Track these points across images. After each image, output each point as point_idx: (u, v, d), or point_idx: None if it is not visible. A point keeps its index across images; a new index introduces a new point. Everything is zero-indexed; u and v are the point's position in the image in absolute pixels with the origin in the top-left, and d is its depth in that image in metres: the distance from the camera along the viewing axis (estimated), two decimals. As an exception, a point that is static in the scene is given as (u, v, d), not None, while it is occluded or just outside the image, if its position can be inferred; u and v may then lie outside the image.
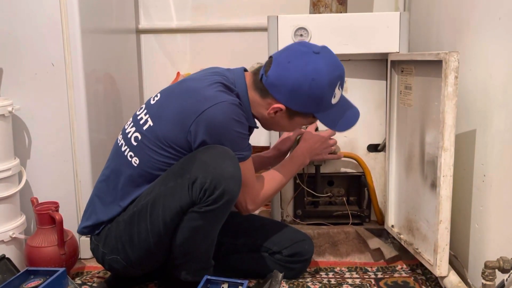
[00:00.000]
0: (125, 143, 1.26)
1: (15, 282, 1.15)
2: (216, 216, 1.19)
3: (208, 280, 1.14)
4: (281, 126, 1.31)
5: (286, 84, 1.19)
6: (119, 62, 1.87)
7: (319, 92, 1.19)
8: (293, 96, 1.20)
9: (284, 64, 1.19)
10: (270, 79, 1.20)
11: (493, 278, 1.09)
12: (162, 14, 2.18)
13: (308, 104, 1.21)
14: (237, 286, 1.13)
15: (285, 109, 1.22)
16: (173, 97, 1.24)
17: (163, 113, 1.22)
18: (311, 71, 1.17)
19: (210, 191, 1.13)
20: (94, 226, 1.28)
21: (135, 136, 1.24)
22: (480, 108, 1.28)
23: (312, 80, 1.17)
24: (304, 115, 1.25)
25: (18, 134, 1.53)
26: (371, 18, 1.53)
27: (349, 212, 1.66)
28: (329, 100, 1.22)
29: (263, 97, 1.24)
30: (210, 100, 1.16)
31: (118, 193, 1.25)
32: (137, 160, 1.23)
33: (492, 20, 1.22)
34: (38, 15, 1.47)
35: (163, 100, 1.25)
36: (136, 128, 1.25)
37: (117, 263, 1.26)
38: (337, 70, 1.21)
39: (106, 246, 1.27)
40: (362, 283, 1.43)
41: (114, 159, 1.30)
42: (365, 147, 1.67)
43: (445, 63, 1.18)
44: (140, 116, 1.26)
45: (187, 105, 1.18)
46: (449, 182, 1.22)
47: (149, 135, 1.21)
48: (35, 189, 1.57)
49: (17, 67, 1.50)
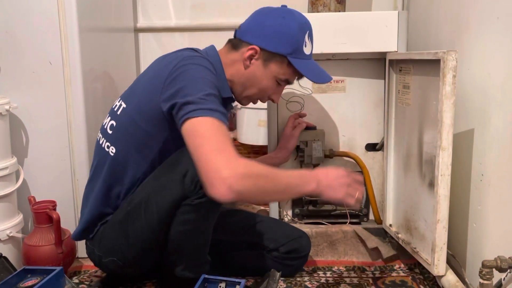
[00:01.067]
0: (102, 135, 1.28)
1: (12, 281, 1.15)
2: (208, 208, 1.16)
3: (205, 279, 1.14)
4: (257, 80, 1.24)
5: (258, 25, 1.23)
6: (117, 61, 1.87)
7: (290, 29, 1.21)
8: (265, 34, 1.21)
9: (256, 15, 1.26)
10: (242, 28, 1.26)
11: (490, 277, 1.09)
12: (160, 13, 2.17)
13: (281, 41, 1.21)
14: (234, 285, 1.13)
15: (259, 50, 1.21)
16: (142, 75, 1.26)
17: (134, 90, 1.24)
18: (282, 12, 1.23)
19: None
20: (87, 230, 1.28)
21: (111, 124, 1.25)
22: (478, 107, 1.28)
23: (283, 18, 1.21)
24: (279, 59, 1.22)
25: (15, 133, 1.52)
26: (370, 17, 1.53)
27: (347, 211, 1.66)
28: (301, 45, 1.22)
29: (237, 50, 1.25)
30: (179, 58, 1.15)
31: (103, 191, 1.25)
32: (113, 149, 1.22)
33: (490, 19, 1.22)
34: (36, 13, 1.47)
35: (134, 83, 1.28)
36: (112, 117, 1.26)
37: (114, 264, 1.26)
38: (306, 19, 1.26)
39: (101, 249, 1.26)
40: (360, 282, 1.43)
41: (95, 157, 1.31)
42: (363, 146, 1.67)
43: (443, 62, 1.17)
44: (115, 105, 1.28)
45: (157, 70, 1.18)
46: (447, 181, 1.22)
47: (124, 117, 1.22)
48: (33, 188, 1.57)
49: (15, 66, 1.50)
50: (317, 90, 1.63)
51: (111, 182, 1.25)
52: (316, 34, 1.52)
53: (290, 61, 1.21)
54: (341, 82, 1.63)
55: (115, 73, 1.82)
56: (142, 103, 1.18)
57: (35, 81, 1.50)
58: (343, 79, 1.63)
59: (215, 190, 0.95)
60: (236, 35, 1.27)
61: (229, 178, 0.94)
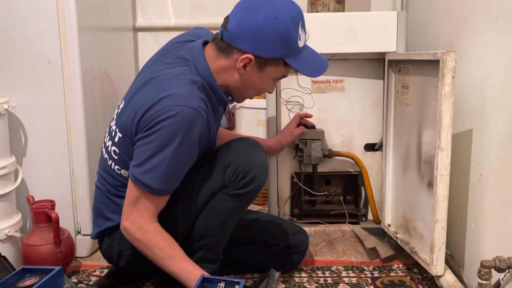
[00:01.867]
0: (109, 157, 1.25)
1: (11, 280, 1.15)
2: (242, 200, 1.22)
3: (204, 279, 1.14)
4: (253, 84, 1.21)
5: (248, 30, 1.12)
6: (116, 60, 1.86)
7: (284, 30, 1.12)
8: (258, 40, 1.12)
9: (241, 12, 1.14)
10: (230, 32, 1.14)
11: (489, 278, 1.10)
12: (159, 12, 2.17)
13: (275, 46, 1.14)
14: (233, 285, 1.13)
15: (254, 58, 1.14)
16: (133, 99, 1.17)
17: (124, 118, 1.17)
18: (271, 10, 1.12)
19: (242, 175, 1.18)
20: (109, 228, 1.29)
21: (114, 150, 1.23)
22: (477, 107, 1.28)
23: (275, 19, 1.11)
24: (275, 62, 1.17)
25: (14, 132, 1.52)
26: (369, 17, 1.53)
27: (346, 211, 1.66)
28: (295, 41, 1.15)
29: (228, 56, 1.16)
30: (163, 105, 1.09)
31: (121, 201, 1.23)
32: (126, 172, 1.22)
33: (489, 20, 1.22)
34: (35, 12, 1.46)
35: (125, 106, 1.20)
36: (112, 142, 1.23)
37: (135, 258, 1.26)
38: (296, 8, 1.17)
39: (122, 243, 1.26)
40: (359, 282, 1.43)
41: (106, 174, 1.28)
42: (362, 146, 1.67)
43: (443, 62, 1.18)
44: (112, 128, 1.24)
45: (144, 103, 1.12)
46: (446, 181, 1.22)
47: (123, 146, 1.19)
48: (31, 187, 1.56)
49: (14, 65, 1.50)
50: (316, 90, 1.63)
51: None
52: (315, 34, 1.52)
53: (287, 62, 1.18)
54: (340, 82, 1.63)
55: (114, 72, 1.81)
56: (129, 144, 1.16)
57: (34, 80, 1.50)
58: (342, 79, 1.63)
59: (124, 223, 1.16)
60: (224, 38, 1.16)
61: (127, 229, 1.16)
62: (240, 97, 1.28)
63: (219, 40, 1.18)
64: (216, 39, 1.19)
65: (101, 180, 1.30)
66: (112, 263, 1.35)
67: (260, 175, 1.20)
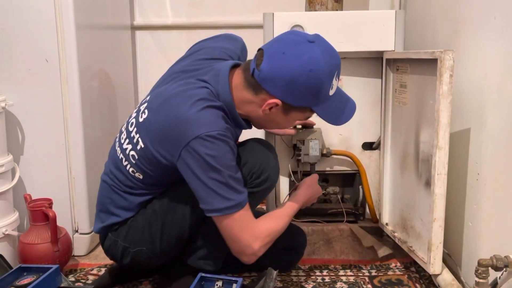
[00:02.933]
0: (125, 158, 1.24)
1: (8, 279, 1.14)
2: (254, 199, 1.23)
3: (202, 277, 1.14)
4: (276, 122, 1.23)
5: (281, 77, 1.10)
6: (114, 59, 1.86)
7: (317, 83, 1.11)
8: (290, 89, 1.11)
9: (278, 55, 1.10)
10: (263, 73, 1.11)
11: (486, 276, 1.10)
12: (157, 11, 2.16)
13: (305, 97, 1.13)
14: (231, 283, 1.13)
15: (281, 104, 1.14)
16: (156, 117, 1.17)
17: (149, 135, 1.18)
18: (308, 61, 1.09)
19: (257, 175, 1.22)
20: (114, 224, 1.29)
21: (132, 154, 1.22)
22: (475, 106, 1.28)
23: (310, 71, 1.09)
24: (302, 109, 1.17)
25: (11, 130, 1.52)
26: (367, 16, 1.53)
27: (344, 210, 1.66)
28: (327, 91, 1.14)
29: (256, 94, 1.16)
30: (191, 131, 1.10)
31: (134, 196, 1.26)
32: (140, 175, 1.22)
33: (487, 19, 1.22)
34: (32, 10, 1.46)
35: (150, 120, 1.19)
36: (132, 146, 1.22)
37: (141, 255, 1.26)
38: (335, 59, 1.15)
39: (128, 240, 1.26)
40: (356, 281, 1.43)
41: (116, 171, 1.27)
42: (360, 145, 1.67)
43: (440, 61, 1.18)
44: (132, 135, 1.23)
45: (170, 132, 1.13)
46: (444, 180, 1.22)
47: (143, 156, 1.19)
48: (29, 186, 1.56)
49: (11, 63, 1.49)
50: (314, 88, 1.63)
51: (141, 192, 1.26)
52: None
53: (313, 110, 1.18)
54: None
55: (112, 71, 1.81)
56: (160, 156, 1.16)
57: (31, 78, 1.49)
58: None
59: (245, 259, 1.20)
60: (255, 76, 1.14)
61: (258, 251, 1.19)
62: (259, 127, 1.32)
63: (250, 75, 1.15)
64: (247, 72, 1.17)
65: (110, 174, 1.28)
66: (115, 260, 1.34)
67: (273, 175, 1.25)
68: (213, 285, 1.12)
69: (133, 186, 1.24)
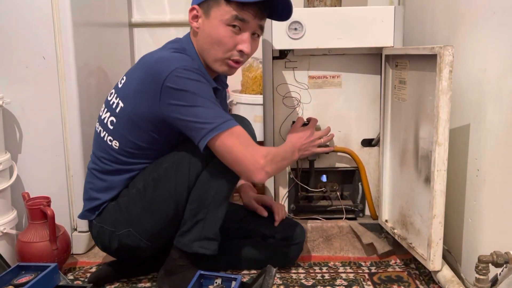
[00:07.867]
0: (103, 128, 1.30)
1: (6, 277, 1.14)
2: None
3: (201, 275, 1.14)
4: (210, 36, 1.22)
5: None
6: (111, 56, 1.85)
7: None
8: None
9: None
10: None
11: (486, 272, 1.10)
12: (155, 8, 2.16)
13: None
14: (230, 281, 1.13)
15: (197, 7, 1.22)
16: (133, 74, 1.25)
17: (128, 91, 1.24)
18: None
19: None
20: (95, 207, 1.31)
21: (111, 120, 1.27)
22: (474, 102, 1.28)
23: None
24: (215, 3, 1.20)
25: (8, 128, 1.51)
26: (366, 12, 1.53)
27: (343, 206, 1.66)
28: None
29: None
30: (167, 67, 1.16)
31: (112, 176, 1.29)
32: (117, 143, 1.26)
33: (486, 15, 1.22)
34: (29, 7, 1.45)
35: (127, 80, 1.27)
36: (111, 112, 1.28)
37: (129, 237, 1.27)
38: None
39: (113, 223, 1.29)
40: (356, 277, 1.43)
41: (97, 147, 1.33)
42: (359, 141, 1.67)
43: (440, 57, 1.17)
44: (112, 101, 1.29)
45: (146, 73, 1.19)
46: (443, 176, 1.22)
47: (123, 116, 1.24)
48: (27, 184, 1.56)
49: (8, 61, 1.48)
50: (313, 85, 1.63)
51: (121, 169, 1.29)
52: (312, 29, 1.52)
53: None
54: (337, 78, 1.62)
55: (110, 68, 1.80)
56: (141, 107, 1.20)
57: (29, 76, 1.49)
58: (339, 75, 1.62)
59: (256, 176, 1.18)
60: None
61: (266, 167, 1.18)
62: (213, 62, 1.27)
63: None
64: None
65: (92, 158, 1.35)
66: (105, 248, 1.35)
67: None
68: (212, 283, 1.12)
69: (110, 163, 1.28)
